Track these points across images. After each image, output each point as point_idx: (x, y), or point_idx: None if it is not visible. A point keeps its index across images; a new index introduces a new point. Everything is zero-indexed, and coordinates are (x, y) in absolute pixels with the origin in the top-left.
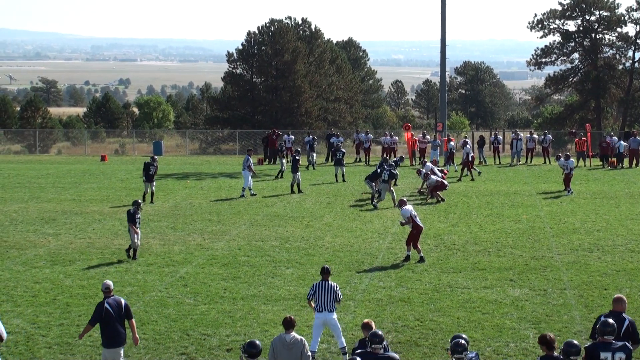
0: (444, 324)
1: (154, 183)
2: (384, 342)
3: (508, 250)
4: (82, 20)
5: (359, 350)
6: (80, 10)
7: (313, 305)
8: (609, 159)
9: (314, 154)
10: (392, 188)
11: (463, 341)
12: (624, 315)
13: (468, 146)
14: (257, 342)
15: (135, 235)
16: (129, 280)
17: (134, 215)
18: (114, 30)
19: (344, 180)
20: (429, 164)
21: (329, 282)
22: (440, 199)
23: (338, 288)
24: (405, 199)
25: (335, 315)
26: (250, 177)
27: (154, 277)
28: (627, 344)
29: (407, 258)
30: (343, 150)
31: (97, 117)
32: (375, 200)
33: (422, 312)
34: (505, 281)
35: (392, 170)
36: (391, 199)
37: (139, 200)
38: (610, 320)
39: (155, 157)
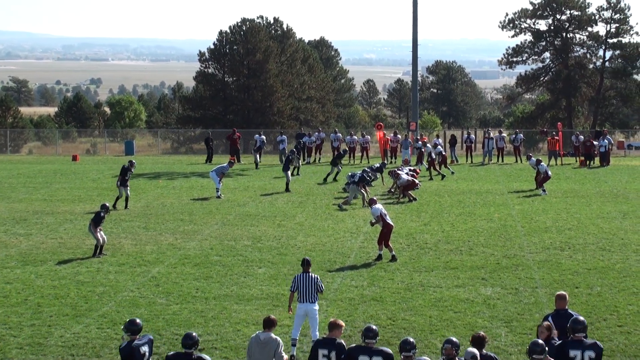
0: (416, 322)
1: (128, 187)
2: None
3: (480, 249)
4: (53, 19)
5: (354, 345)
6: (51, 9)
7: (295, 296)
8: (592, 159)
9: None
10: (362, 190)
11: (412, 339)
12: (570, 311)
13: (438, 147)
14: (138, 320)
15: (99, 234)
16: (100, 281)
17: (102, 218)
18: (86, 30)
19: (335, 179)
20: (403, 176)
21: (310, 274)
22: (411, 199)
23: (319, 279)
24: (375, 198)
25: (316, 307)
26: (218, 179)
27: (126, 277)
28: (597, 342)
29: (379, 257)
30: (342, 151)
31: (69, 117)
32: (342, 202)
33: (395, 311)
34: (477, 280)
35: (365, 175)
36: (361, 199)
37: (107, 204)
38: (581, 318)
39: (134, 162)
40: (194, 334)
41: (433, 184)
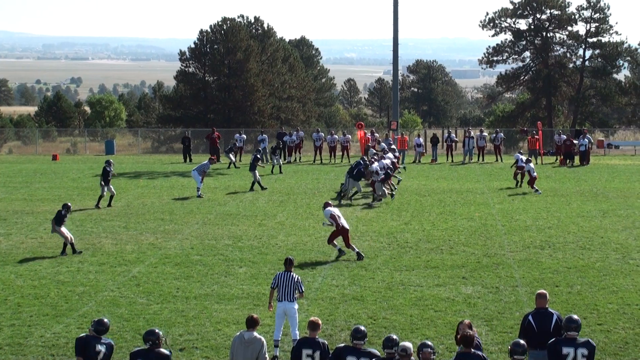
0: (397, 321)
1: (112, 186)
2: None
3: (460, 248)
4: (33, 18)
5: (342, 345)
6: (31, 8)
7: (275, 295)
8: (573, 158)
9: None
10: (384, 185)
11: (395, 336)
12: (550, 310)
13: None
14: (106, 320)
15: (64, 231)
16: (80, 280)
17: (64, 217)
18: (66, 29)
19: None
20: (375, 165)
21: (291, 273)
22: (390, 190)
23: (300, 280)
24: (329, 201)
25: (296, 306)
26: (200, 178)
27: (106, 276)
28: (590, 340)
29: (340, 253)
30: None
31: (49, 116)
32: (370, 198)
33: (375, 310)
34: (458, 279)
35: (361, 169)
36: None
37: (69, 204)
38: (575, 317)
39: (111, 161)
40: (156, 330)
41: (414, 183)
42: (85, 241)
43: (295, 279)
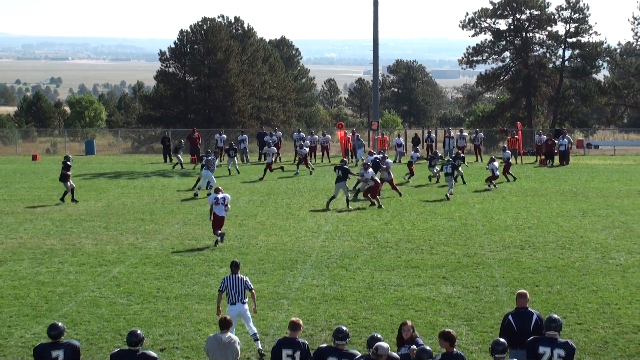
0: (378, 321)
1: (70, 181)
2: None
3: (441, 247)
4: (12, 18)
5: (323, 345)
6: (10, 8)
7: (224, 298)
8: (553, 157)
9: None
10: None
11: (379, 335)
12: (530, 309)
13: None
14: (60, 324)
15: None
16: (61, 281)
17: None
18: (45, 29)
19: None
20: (370, 170)
21: (239, 275)
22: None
23: (248, 279)
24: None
25: (247, 306)
26: (212, 177)
27: (87, 277)
28: (569, 342)
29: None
30: (346, 167)
31: (28, 116)
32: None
33: (356, 310)
34: (438, 278)
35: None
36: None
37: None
38: (556, 316)
39: (69, 156)
40: (138, 331)
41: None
42: (65, 241)
43: (244, 279)
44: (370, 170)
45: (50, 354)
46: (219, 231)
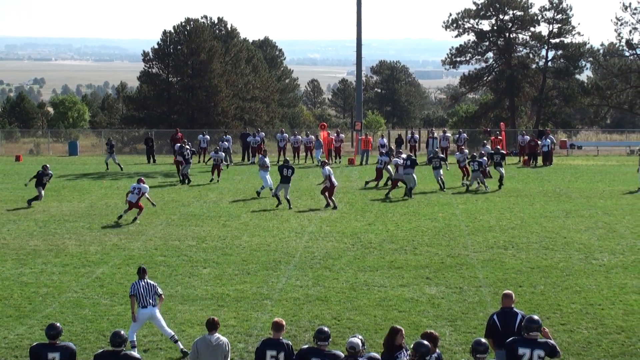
0: (361, 322)
1: (42, 189)
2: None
3: (424, 248)
4: None
5: (305, 346)
6: None
7: (135, 302)
8: (536, 158)
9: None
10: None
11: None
12: (515, 310)
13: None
14: (57, 324)
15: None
16: (44, 282)
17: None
18: (29, 29)
19: (289, 207)
20: (397, 159)
21: (147, 280)
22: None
23: (156, 284)
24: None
25: (158, 310)
26: (265, 177)
27: (70, 277)
28: (548, 342)
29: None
30: (292, 167)
31: (12, 117)
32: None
33: (339, 311)
34: (422, 279)
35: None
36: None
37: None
38: (536, 317)
39: (47, 165)
40: (122, 331)
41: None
42: (48, 242)
43: (152, 284)
44: (400, 159)
45: (47, 356)
46: (136, 216)
